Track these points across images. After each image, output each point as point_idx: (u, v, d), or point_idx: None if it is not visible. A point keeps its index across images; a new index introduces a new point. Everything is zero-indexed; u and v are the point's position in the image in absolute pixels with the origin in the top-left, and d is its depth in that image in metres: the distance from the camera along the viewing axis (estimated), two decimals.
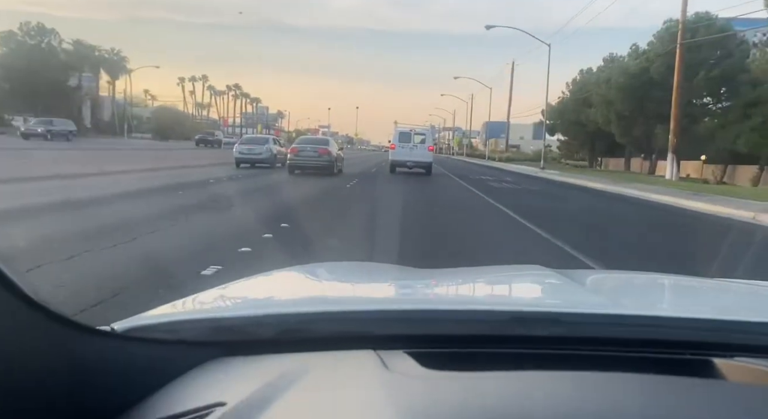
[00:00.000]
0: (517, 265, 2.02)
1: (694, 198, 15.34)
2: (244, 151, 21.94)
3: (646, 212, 13.92)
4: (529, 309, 1.03)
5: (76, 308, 3.44)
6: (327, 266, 1.69)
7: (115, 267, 4.81)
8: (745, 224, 11.33)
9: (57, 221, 7.25)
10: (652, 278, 1.68)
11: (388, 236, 6.55)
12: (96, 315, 3.37)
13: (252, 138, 25.64)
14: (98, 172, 15.10)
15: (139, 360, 0.86)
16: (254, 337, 0.93)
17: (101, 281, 4.29)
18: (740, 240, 8.78)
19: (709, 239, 9.08)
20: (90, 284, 4.22)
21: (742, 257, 6.20)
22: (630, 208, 14.86)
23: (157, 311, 1.03)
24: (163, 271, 4.74)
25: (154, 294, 3.72)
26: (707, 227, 11.24)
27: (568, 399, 0.74)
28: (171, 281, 4.31)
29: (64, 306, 1.43)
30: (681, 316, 1.02)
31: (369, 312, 1.01)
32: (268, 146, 22.77)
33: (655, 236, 9.85)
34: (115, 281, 4.28)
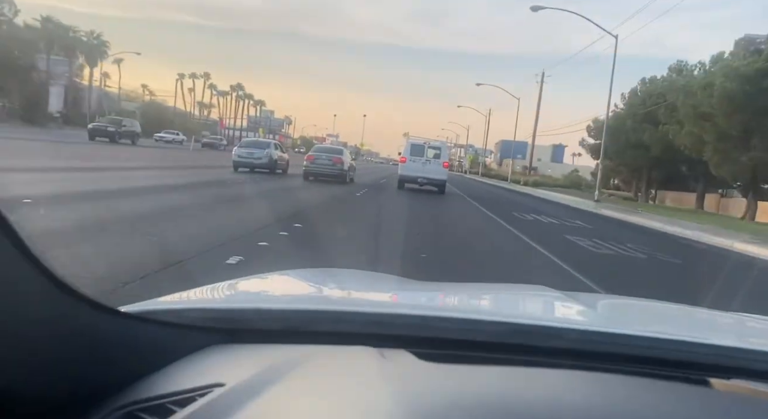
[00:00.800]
0: (522, 285, 2.09)
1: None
2: (243, 154, 21.35)
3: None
4: (530, 322, 1.06)
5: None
6: (334, 271, 1.79)
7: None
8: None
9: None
10: (659, 305, 1.67)
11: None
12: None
13: (253, 141, 24.28)
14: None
15: (146, 340, 0.91)
16: (256, 327, 0.97)
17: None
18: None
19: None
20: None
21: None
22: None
23: (167, 298, 1.10)
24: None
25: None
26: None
27: (565, 392, 0.78)
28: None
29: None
30: (677, 338, 1.04)
31: (372, 315, 1.03)
32: (269, 150, 21.84)
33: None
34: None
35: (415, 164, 20.74)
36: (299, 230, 7.85)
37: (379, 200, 16.18)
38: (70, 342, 0.79)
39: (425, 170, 20.64)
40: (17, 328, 0.71)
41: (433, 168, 20.74)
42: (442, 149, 22.10)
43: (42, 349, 0.74)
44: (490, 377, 0.82)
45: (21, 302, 0.71)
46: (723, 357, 0.98)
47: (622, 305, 1.70)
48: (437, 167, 20.87)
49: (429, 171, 20.62)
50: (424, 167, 20.71)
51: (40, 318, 0.74)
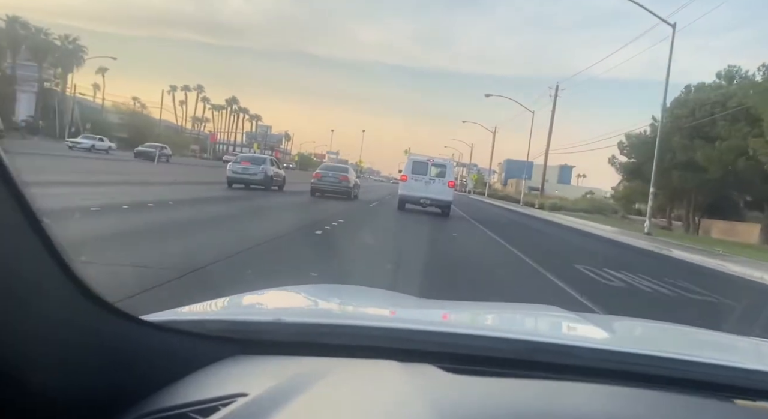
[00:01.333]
0: (535, 305, 2.12)
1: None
2: (238, 170, 20.72)
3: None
4: (554, 341, 1.07)
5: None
6: (350, 288, 1.83)
7: None
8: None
9: None
10: (677, 328, 1.69)
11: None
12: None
13: (248, 157, 23.61)
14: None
15: (168, 349, 0.91)
16: (275, 339, 0.97)
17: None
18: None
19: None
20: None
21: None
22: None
23: (188, 308, 1.12)
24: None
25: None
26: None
27: (593, 406, 0.80)
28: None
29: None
30: (701, 360, 1.03)
31: (397, 330, 1.03)
32: (264, 166, 21.20)
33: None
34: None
35: (417, 183, 18.78)
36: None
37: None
38: (94, 349, 0.80)
39: (428, 190, 18.68)
40: (42, 332, 0.71)
41: (437, 188, 18.82)
42: (447, 167, 19.72)
43: (66, 355, 0.75)
44: (519, 390, 0.83)
45: (47, 307, 0.72)
46: (748, 380, 0.99)
47: (640, 326, 1.67)
48: (442, 186, 18.96)
49: (432, 191, 18.68)
50: (427, 187, 18.78)
51: (65, 323, 0.75)
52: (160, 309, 1.07)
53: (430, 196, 18.60)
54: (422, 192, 18.61)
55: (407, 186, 18.85)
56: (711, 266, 13.51)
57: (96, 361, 0.79)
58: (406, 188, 18.89)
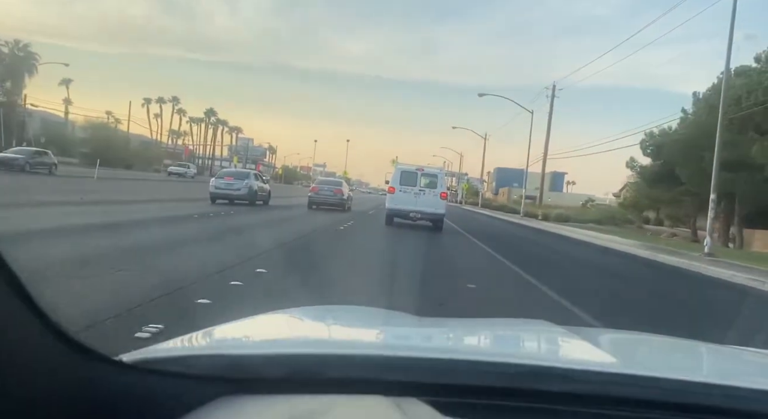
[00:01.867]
0: (523, 319, 1.98)
1: None
2: (221, 185, 20.50)
3: None
4: (545, 364, 1.02)
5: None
6: (335, 310, 1.75)
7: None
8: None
9: None
10: (669, 341, 1.65)
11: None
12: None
13: (231, 172, 23.88)
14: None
15: (149, 393, 0.85)
16: (266, 376, 0.92)
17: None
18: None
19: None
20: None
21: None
22: None
23: (168, 344, 1.03)
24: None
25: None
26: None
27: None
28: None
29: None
30: (698, 381, 0.99)
31: (382, 358, 0.99)
32: (248, 181, 20.95)
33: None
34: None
35: (406, 195, 17.35)
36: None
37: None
38: (69, 395, 0.75)
39: (418, 203, 17.27)
40: (13, 379, 0.68)
41: (427, 200, 17.34)
42: (439, 177, 18.15)
43: (40, 402, 0.71)
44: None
45: (17, 352, 0.68)
46: (745, 401, 0.94)
47: (634, 342, 1.62)
48: (433, 198, 17.45)
49: (423, 203, 17.23)
50: (416, 199, 17.37)
51: (37, 368, 0.71)
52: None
53: (420, 209, 17.13)
54: (411, 205, 17.13)
55: (395, 199, 17.36)
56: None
57: (72, 409, 0.73)
58: (393, 201, 17.40)
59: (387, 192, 18.21)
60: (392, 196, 17.41)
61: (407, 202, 17.12)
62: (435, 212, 17.11)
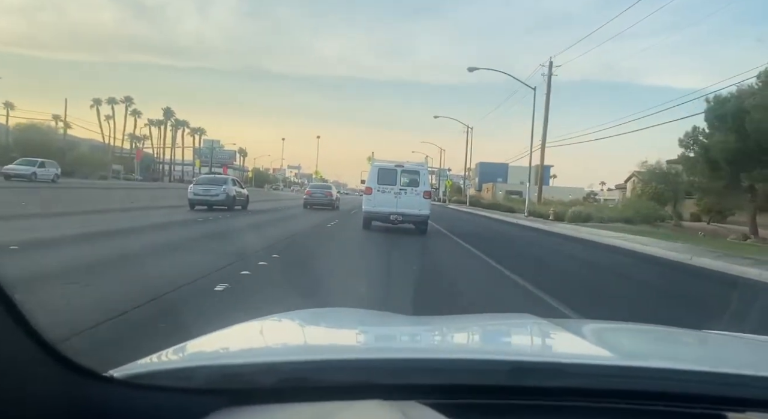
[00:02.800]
0: (508, 314, 1.92)
1: None
2: (199, 192, 21.45)
3: None
4: (536, 360, 1.05)
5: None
6: (326, 313, 1.72)
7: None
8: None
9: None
10: (653, 329, 1.68)
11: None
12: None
13: (208, 178, 24.53)
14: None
15: (143, 409, 0.84)
16: (261, 385, 0.91)
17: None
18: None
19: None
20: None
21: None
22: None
23: (157, 356, 1.01)
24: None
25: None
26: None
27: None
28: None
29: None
30: (693, 369, 1.02)
31: (377, 361, 1.00)
32: (226, 187, 21.94)
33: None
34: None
35: (384, 195, 15.69)
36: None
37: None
38: (60, 414, 0.74)
39: (399, 204, 15.62)
40: (3, 398, 0.67)
41: (410, 200, 15.63)
42: (421, 174, 16.30)
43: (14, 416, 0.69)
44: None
45: (6, 371, 0.68)
46: (737, 388, 0.96)
47: (621, 331, 1.63)
48: (415, 198, 15.69)
49: (405, 204, 15.57)
50: (397, 200, 15.68)
51: (27, 387, 0.70)
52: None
53: (401, 210, 15.61)
54: (391, 207, 15.62)
55: (373, 200, 15.80)
56: None
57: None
58: (371, 203, 15.85)
59: (363, 193, 16.85)
60: (369, 197, 15.93)
61: (386, 203, 15.74)
62: (418, 214, 15.73)
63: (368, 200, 15.99)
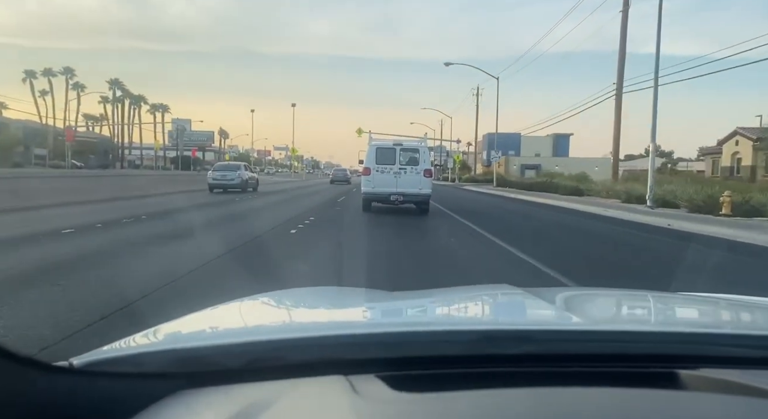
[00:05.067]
0: (486, 285, 2.06)
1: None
2: (217, 177, 26.25)
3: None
4: (499, 328, 1.09)
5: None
6: (294, 293, 1.76)
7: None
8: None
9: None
10: (621, 294, 1.75)
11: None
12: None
13: (224, 165, 29.43)
14: None
15: (101, 396, 0.87)
16: (220, 367, 0.93)
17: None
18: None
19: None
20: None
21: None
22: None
23: (119, 343, 1.05)
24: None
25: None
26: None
27: (538, 416, 0.78)
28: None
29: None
30: (646, 330, 1.09)
31: (337, 337, 1.02)
32: (239, 172, 26.74)
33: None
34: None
35: (384, 175, 15.64)
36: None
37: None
38: (11, 410, 0.75)
39: (400, 183, 15.62)
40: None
41: (410, 179, 15.60)
42: (421, 152, 16.25)
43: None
44: (467, 404, 0.81)
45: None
46: (688, 346, 1.01)
47: (589, 297, 1.70)
48: (416, 177, 15.62)
49: (405, 184, 15.63)
50: (397, 180, 15.62)
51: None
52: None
53: (402, 190, 15.64)
54: (392, 187, 15.64)
55: (372, 181, 15.79)
56: None
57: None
58: (370, 184, 15.85)
59: (361, 175, 16.92)
60: (368, 178, 15.86)
61: (386, 183, 15.63)
62: (419, 193, 15.70)
63: (367, 181, 15.91)
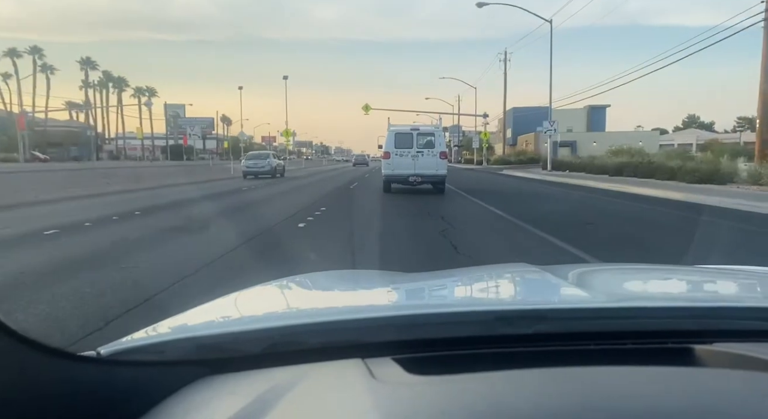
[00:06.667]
0: (502, 264, 2.01)
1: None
2: (250, 165, 31.65)
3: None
4: (512, 308, 1.12)
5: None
6: (310, 277, 1.80)
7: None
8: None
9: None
10: (633, 269, 1.80)
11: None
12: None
13: (255, 154, 35.24)
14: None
15: (126, 384, 0.90)
16: (240, 353, 0.98)
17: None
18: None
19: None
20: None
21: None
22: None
23: (142, 332, 1.09)
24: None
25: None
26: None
27: (552, 395, 0.80)
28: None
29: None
30: (660, 305, 1.10)
31: (353, 321, 1.05)
32: (269, 160, 32.06)
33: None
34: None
35: (402, 159, 17.84)
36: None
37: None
38: (45, 399, 0.78)
39: (417, 165, 17.84)
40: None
41: (427, 161, 17.75)
42: (436, 136, 18.41)
43: (16, 411, 0.74)
44: (483, 385, 0.82)
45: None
46: (703, 320, 1.02)
47: (602, 273, 1.74)
48: (432, 159, 17.76)
49: (422, 166, 17.84)
50: (415, 162, 17.81)
51: (7, 378, 0.73)
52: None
53: (420, 172, 17.90)
54: (410, 169, 17.93)
55: (391, 164, 18.09)
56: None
57: (50, 412, 0.77)
58: (390, 167, 18.18)
59: (381, 159, 19.17)
60: (388, 162, 18.12)
61: (405, 166, 17.84)
62: (436, 174, 17.92)
63: (387, 164, 18.07)
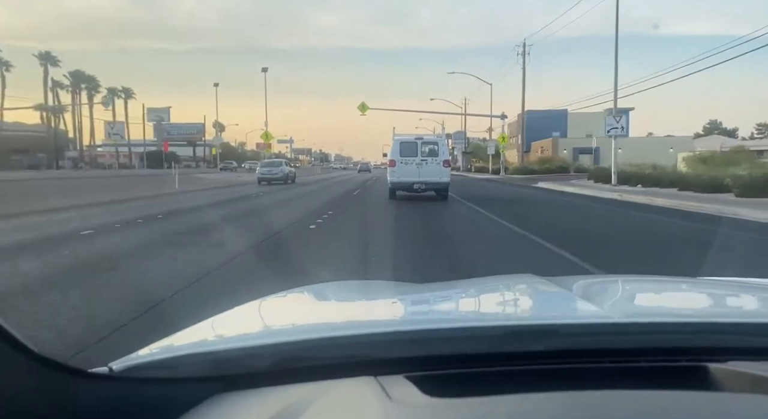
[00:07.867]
0: (510, 275, 2.07)
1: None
2: (264, 172, 36.21)
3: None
4: (525, 323, 1.11)
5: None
6: (320, 288, 1.87)
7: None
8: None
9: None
10: (644, 281, 1.84)
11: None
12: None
13: (269, 162, 39.68)
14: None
15: (138, 402, 0.90)
16: (254, 369, 0.97)
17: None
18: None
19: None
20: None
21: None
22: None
23: (154, 346, 1.08)
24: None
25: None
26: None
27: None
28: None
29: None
30: (677, 321, 1.08)
31: (366, 336, 1.04)
32: (282, 168, 36.42)
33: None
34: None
35: (407, 166, 18.89)
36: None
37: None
38: (56, 417, 0.79)
39: (421, 173, 18.97)
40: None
41: (430, 169, 18.88)
42: (440, 145, 20.02)
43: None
44: (497, 411, 0.81)
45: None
46: (717, 337, 1.00)
47: (612, 286, 1.72)
48: (436, 167, 18.93)
49: (426, 173, 19.00)
50: (419, 170, 18.91)
51: (20, 396, 0.73)
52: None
53: (423, 179, 19.13)
54: (414, 176, 19.07)
55: (397, 171, 19.30)
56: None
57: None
58: (395, 174, 19.43)
59: (387, 166, 20.54)
60: (393, 169, 19.38)
61: (410, 173, 18.88)
62: (439, 181, 19.12)
63: (392, 171, 19.20)
